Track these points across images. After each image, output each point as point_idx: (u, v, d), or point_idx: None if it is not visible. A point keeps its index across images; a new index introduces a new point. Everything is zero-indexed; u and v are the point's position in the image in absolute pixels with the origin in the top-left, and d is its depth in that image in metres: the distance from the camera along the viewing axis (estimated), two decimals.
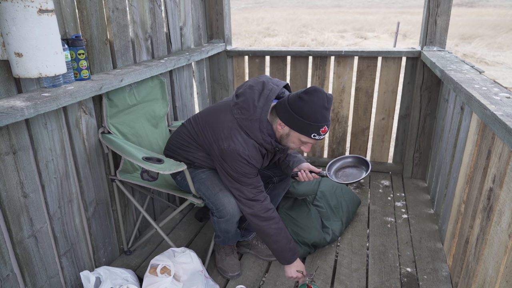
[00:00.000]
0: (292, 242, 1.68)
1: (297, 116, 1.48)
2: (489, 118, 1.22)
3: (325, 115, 1.48)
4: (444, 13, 2.46)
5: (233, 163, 1.55)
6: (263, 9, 27.63)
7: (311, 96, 1.46)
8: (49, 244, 1.57)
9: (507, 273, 1.19)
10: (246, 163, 1.55)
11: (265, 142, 1.56)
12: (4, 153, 1.33)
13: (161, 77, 2.14)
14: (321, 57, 2.83)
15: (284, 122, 1.52)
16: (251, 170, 1.58)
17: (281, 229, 1.65)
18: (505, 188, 1.27)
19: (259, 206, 1.60)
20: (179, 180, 1.82)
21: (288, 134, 1.55)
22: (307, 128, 1.48)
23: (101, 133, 1.81)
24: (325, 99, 1.46)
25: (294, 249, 1.69)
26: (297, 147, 1.60)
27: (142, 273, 1.86)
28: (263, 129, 1.54)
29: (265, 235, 1.65)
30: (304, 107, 1.46)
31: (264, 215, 1.61)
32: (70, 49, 1.54)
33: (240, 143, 1.54)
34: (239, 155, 1.53)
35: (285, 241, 1.66)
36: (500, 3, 28.63)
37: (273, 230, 1.63)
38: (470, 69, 1.93)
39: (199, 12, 2.78)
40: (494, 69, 9.15)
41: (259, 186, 1.63)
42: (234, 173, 1.57)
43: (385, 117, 2.87)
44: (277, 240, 1.64)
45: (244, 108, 1.55)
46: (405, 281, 1.84)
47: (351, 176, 1.80)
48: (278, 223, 1.64)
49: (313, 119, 1.46)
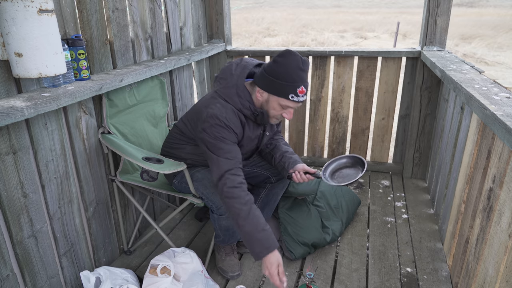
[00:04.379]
0: (263, 233, 1.46)
1: (273, 79, 1.51)
2: (489, 118, 1.22)
3: (301, 75, 1.50)
4: (444, 13, 2.46)
5: (212, 129, 1.55)
6: (263, 9, 27.62)
7: (285, 58, 1.50)
8: (49, 244, 1.57)
9: (507, 273, 1.19)
10: (224, 126, 1.55)
11: (243, 107, 1.59)
12: (4, 153, 1.33)
13: (161, 77, 2.14)
14: (321, 57, 2.83)
15: (261, 88, 1.55)
16: (229, 135, 1.56)
17: (247, 213, 1.47)
18: (505, 188, 1.27)
19: (231, 178, 1.51)
20: (176, 183, 1.83)
21: (267, 100, 1.57)
22: (284, 89, 1.50)
23: (101, 133, 1.81)
24: (300, 61, 1.50)
25: (265, 242, 1.46)
26: (278, 113, 1.59)
27: (142, 273, 1.86)
28: (240, 94, 1.58)
29: (231, 216, 1.52)
30: (279, 69, 1.50)
31: (230, 192, 1.50)
32: (70, 49, 1.54)
33: (218, 108, 1.57)
34: (216, 118, 1.55)
35: (251, 228, 1.46)
36: (500, 3, 28.63)
37: (236, 209, 1.48)
38: (470, 69, 1.93)
39: (199, 12, 2.78)
40: (494, 69, 9.15)
41: (237, 157, 1.57)
42: (213, 140, 1.54)
43: (385, 117, 2.87)
44: (243, 224, 1.47)
45: (222, 78, 1.64)
46: (405, 281, 1.84)
47: (347, 177, 1.78)
48: (245, 205, 1.48)
49: (288, 79, 1.49)
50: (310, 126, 3.04)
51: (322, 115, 2.98)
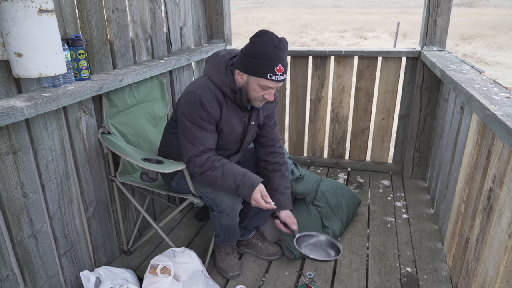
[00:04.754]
0: (244, 179, 1.59)
1: (250, 59, 1.51)
2: (489, 118, 1.22)
3: (278, 54, 1.49)
4: (444, 13, 2.46)
5: (187, 105, 1.59)
6: (263, 9, 27.62)
7: (261, 38, 1.50)
8: (49, 244, 1.57)
9: (507, 273, 1.19)
10: (198, 103, 1.57)
11: (223, 84, 1.60)
12: (4, 153, 1.33)
13: (160, 77, 2.14)
14: (321, 57, 2.83)
15: (240, 70, 1.56)
16: (201, 113, 1.57)
17: (222, 173, 1.59)
18: (505, 188, 1.27)
19: (197, 160, 1.60)
20: (174, 185, 1.82)
21: (247, 82, 1.57)
22: (262, 69, 1.50)
23: (101, 133, 1.81)
24: (276, 39, 1.50)
25: (248, 184, 1.59)
26: (259, 95, 1.58)
27: (142, 273, 1.86)
28: (221, 71, 1.60)
29: (211, 184, 1.65)
30: (255, 48, 1.50)
31: (200, 169, 1.60)
32: (70, 49, 1.54)
33: (195, 85, 1.61)
34: (192, 94, 1.58)
35: (232, 180, 1.59)
36: (500, 3, 28.63)
37: (211, 177, 1.60)
38: (470, 69, 1.93)
39: (199, 12, 2.78)
40: (494, 69, 9.15)
41: (205, 144, 1.60)
42: (185, 118, 1.59)
43: (385, 117, 2.87)
44: (223, 182, 1.60)
45: (210, 60, 1.67)
46: (405, 281, 1.84)
47: (316, 253, 1.72)
48: (216, 168, 1.59)
49: (265, 58, 1.49)
50: (310, 126, 3.04)
51: (322, 115, 2.98)
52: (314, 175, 2.31)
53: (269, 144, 1.85)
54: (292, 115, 3.04)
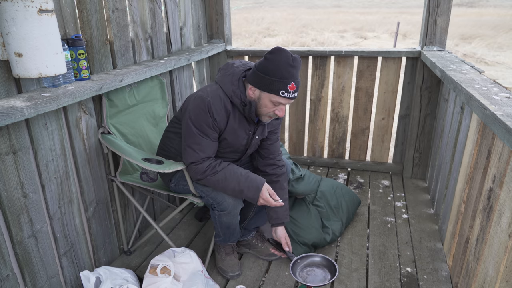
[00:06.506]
0: (248, 181, 1.63)
1: (264, 75, 1.52)
2: (489, 118, 1.22)
3: (291, 72, 1.51)
4: (444, 13, 2.46)
5: (195, 110, 1.59)
6: (263, 9, 27.61)
7: (275, 55, 1.51)
8: (49, 244, 1.57)
9: (507, 273, 1.19)
10: (206, 109, 1.57)
11: (234, 95, 1.60)
12: (4, 153, 1.33)
13: (160, 77, 2.14)
14: (321, 57, 2.83)
15: (253, 85, 1.57)
16: (208, 119, 1.58)
17: (224, 176, 1.62)
18: (505, 188, 1.27)
19: (198, 167, 1.61)
20: (173, 186, 1.82)
21: (259, 97, 1.58)
22: (275, 86, 1.52)
23: (101, 133, 1.81)
24: (290, 57, 1.51)
25: (253, 186, 1.63)
26: (270, 110, 1.59)
27: (142, 273, 1.86)
28: (234, 82, 1.61)
29: (214, 187, 1.67)
30: (269, 66, 1.51)
31: (202, 175, 1.63)
32: (70, 49, 1.54)
33: (206, 91, 1.62)
34: (201, 100, 1.59)
35: (235, 183, 1.62)
36: (500, 3, 28.62)
37: (213, 181, 1.63)
38: (470, 69, 1.93)
39: (199, 12, 2.78)
40: (494, 69, 9.14)
41: (205, 151, 1.62)
42: (190, 122, 1.60)
43: (385, 117, 2.87)
44: (226, 185, 1.63)
45: (223, 69, 1.68)
46: (405, 281, 1.84)
47: (313, 277, 1.68)
48: (218, 173, 1.62)
49: (278, 75, 1.50)
50: (310, 126, 3.04)
51: (322, 115, 2.98)
52: (314, 175, 2.32)
53: (269, 157, 1.86)
54: (292, 115, 3.04)
